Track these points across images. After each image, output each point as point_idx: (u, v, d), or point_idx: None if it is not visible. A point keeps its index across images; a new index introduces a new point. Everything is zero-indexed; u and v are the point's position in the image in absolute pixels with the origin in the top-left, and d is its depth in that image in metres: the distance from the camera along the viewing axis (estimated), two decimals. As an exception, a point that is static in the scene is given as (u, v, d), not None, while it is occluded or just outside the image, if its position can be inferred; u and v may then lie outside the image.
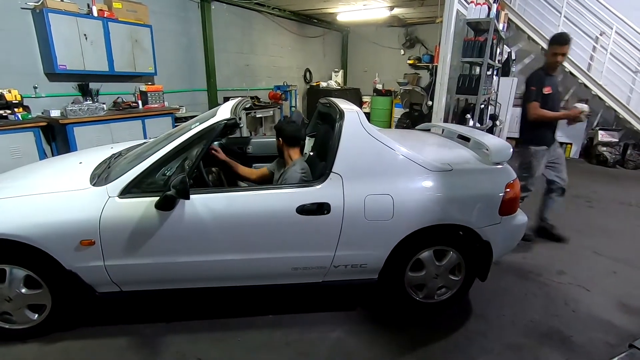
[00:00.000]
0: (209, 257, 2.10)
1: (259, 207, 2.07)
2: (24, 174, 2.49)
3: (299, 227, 2.09)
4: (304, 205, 2.05)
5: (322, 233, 2.12)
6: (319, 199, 2.05)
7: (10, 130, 4.09)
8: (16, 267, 1.98)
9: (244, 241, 2.11)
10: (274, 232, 2.11)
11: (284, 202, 2.07)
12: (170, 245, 2.05)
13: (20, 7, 4.37)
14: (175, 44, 6.52)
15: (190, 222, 2.01)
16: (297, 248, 2.14)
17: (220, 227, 2.06)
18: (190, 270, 2.14)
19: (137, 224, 1.97)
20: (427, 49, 10.02)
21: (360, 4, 7.87)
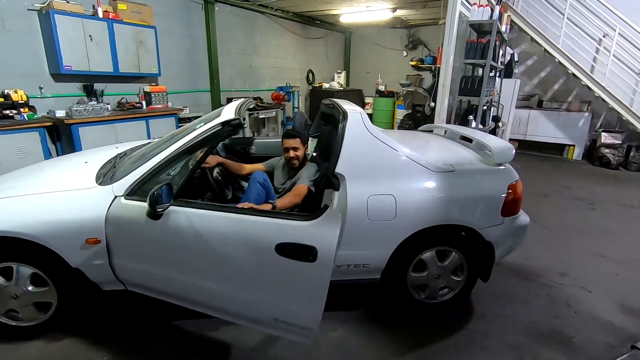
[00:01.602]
0: (188, 277, 1.94)
1: (237, 234, 1.80)
2: (30, 173, 2.52)
3: (276, 271, 1.74)
4: (284, 244, 1.68)
5: (303, 284, 1.72)
6: (305, 239, 1.65)
7: (16, 130, 4.12)
8: (23, 265, 2.01)
9: (219, 269, 1.87)
10: (249, 268, 1.81)
11: (263, 235, 1.74)
12: (158, 255, 1.99)
13: (26, 9, 4.42)
14: (179, 45, 6.56)
15: (172, 236, 1.90)
16: (276, 295, 1.79)
17: (197, 248, 1.87)
18: (174, 286, 2.01)
19: (137, 226, 1.94)
20: (430, 50, 10.02)
21: (363, 5, 7.89)
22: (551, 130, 7.91)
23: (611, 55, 7.04)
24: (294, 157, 2.61)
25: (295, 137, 2.60)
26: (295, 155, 2.60)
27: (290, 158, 2.62)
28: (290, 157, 2.62)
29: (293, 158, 2.61)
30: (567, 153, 7.93)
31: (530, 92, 8.41)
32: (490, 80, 5.42)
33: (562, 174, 6.59)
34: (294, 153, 2.60)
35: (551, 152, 8.17)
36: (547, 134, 7.97)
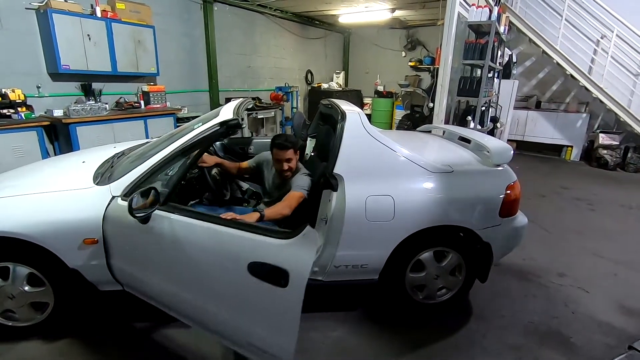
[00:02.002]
0: (169, 285, 1.87)
1: (213, 247, 1.69)
2: (27, 172, 2.51)
3: (247, 292, 1.60)
4: (256, 264, 1.52)
5: (274, 311, 1.56)
6: (279, 260, 1.48)
7: (14, 129, 4.11)
8: (19, 265, 1.99)
9: (196, 282, 1.79)
10: (223, 285, 1.69)
11: (237, 250, 1.60)
12: (145, 259, 1.96)
13: (24, 7, 4.40)
14: (178, 44, 6.54)
15: (155, 241, 1.86)
16: (247, 319, 1.64)
17: (177, 256, 1.80)
18: (158, 292, 1.95)
19: (130, 229, 1.89)
20: (429, 51, 10.03)
21: (361, 5, 7.89)
22: (549, 131, 7.93)
23: (609, 57, 7.07)
24: (287, 170, 2.37)
25: (288, 148, 2.34)
26: (288, 167, 2.37)
27: (282, 171, 2.37)
28: (283, 170, 2.37)
29: (286, 170, 2.37)
30: (565, 154, 7.95)
31: (529, 93, 8.43)
32: (489, 81, 5.43)
33: (560, 174, 6.61)
34: (287, 165, 2.36)
35: (549, 152, 8.19)
36: (545, 135, 7.99)
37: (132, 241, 1.94)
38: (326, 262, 2.23)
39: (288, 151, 2.34)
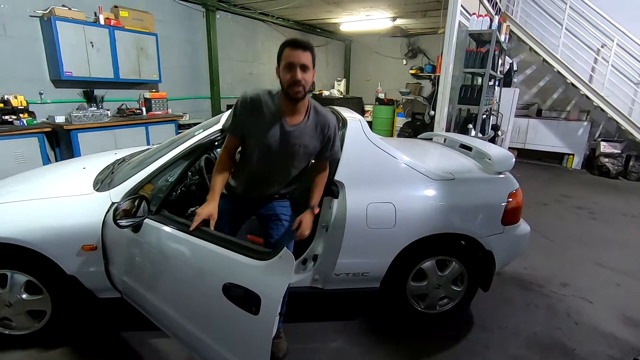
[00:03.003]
0: (155, 297, 1.83)
1: (194, 263, 1.64)
2: (28, 178, 2.50)
3: (221, 315, 1.51)
4: (230, 286, 1.43)
5: (245, 339, 1.46)
6: (253, 284, 1.38)
7: (15, 135, 4.12)
8: (17, 273, 1.98)
9: (177, 297, 1.73)
10: (200, 305, 1.62)
11: (214, 269, 1.52)
12: (135, 268, 1.93)
13: (28, 15, 4.44)
14: (180, 51, 6.59)
15: (144, 251, 1.85)
16: (222, 344, 1.54)
17: (162, 269, 1.78)
18: (146, 303, 1.89)
19: (125, 236, 1.89)
20: (429, 59, 10.09)
21: (363, 14, 7.95)
22: (550, 139, 7.93)
23: (609, 65, 7.09)
24: (299, 84, 1.60)
25: (307, 49, 1.61)
26: (303, 79, 1.60)
27: (293, 84, 1.60)
28: (293, 83, 1.60)
29: (298, 84, 1.60)
30: (567, 162, 7.94)
31: (530, 101, 8.45)
32: (490, 89, 5.45)
33: (562, 183, 6.59)
34: (302, 76, 1.59)
35: (550, 160, 8.17)
36: (547, 143, 7.99)
37: (127, 249, 1.92)
38: (326, 270, 2.21)
39: (305, 53, 1.60)
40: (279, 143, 1.73)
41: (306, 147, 1.77)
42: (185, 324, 1.68)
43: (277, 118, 1.71)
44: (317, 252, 2.25)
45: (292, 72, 1.59)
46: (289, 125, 1.72)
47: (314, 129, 1.77)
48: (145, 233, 1.80)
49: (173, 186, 2.03)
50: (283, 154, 1.77)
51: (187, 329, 1.67)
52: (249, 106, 1.71)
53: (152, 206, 1.87)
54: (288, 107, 1.71)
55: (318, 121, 1.78)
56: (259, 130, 1.72)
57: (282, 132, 1.72)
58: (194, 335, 1.64)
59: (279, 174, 1.87)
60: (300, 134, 1.74)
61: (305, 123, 1.75)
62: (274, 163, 1.80)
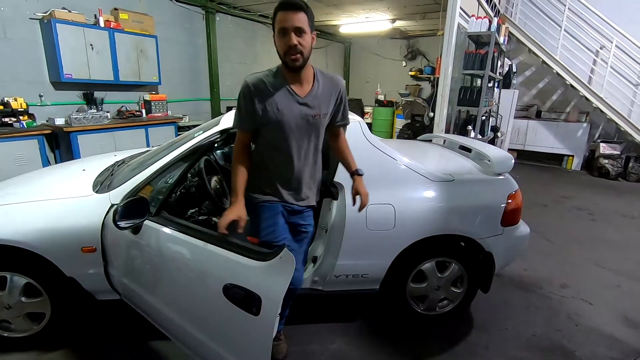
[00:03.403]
0: (154, 299, 1.83)
1: (195, 265, 1.65)
2: (27, 180, 2.50)
3: (221, 315, 1.51)
4: (231, 286, 1.43)
5: (245, 340, 1.47)
6: (253, 284, 1.38)
7: (15, 137, 4.12)
8: (17, 275, 1.97)
9: (177, 298, 1.74)
10: (201, 306, 1.63)
11: (215, 271, 1.53)
12: (135, 270, 1.94)
13: (28, 17, 4.45)
14: (180, 54, 6.60)
15: (144, 252, 1.85)
16: (222, 345, 1.55)
17: (162, 270, 1.79)
18: (146, 305, 1.90)
19: (125, 238, 1.89)
20: (429, 60, 10.10)
21: (362, 16, 7.97)
22: (550, 140, 7.94)
23: (608, 67, 7.10)
24: (296, 49, 1.47)
25: (299, 9, 1.46)
26: (299, 43, 1.46)
27: (289, 50, 1.48)
28: (289, 49, 1.47)
29: (294, 50, 1.47)
30: (566, 163, 7.94)
31: (529, 102, 8.46)
32: (489, 91, 5.45)
33: (562, 184, 6.59)
34: (296, 40, 1.46)
35: (550, 162, 8.18)
36: (546, 144, 7.99)
37: (127, 251, 1.92)
38: (326, 271, 2.21)
39: (298, 14, 1.45)
40: (299, 117, 1.60)
41: (326, 114, 1.68)
42: (185, 325, 1.68)
43: (286, 92, 1.58)
44: (317, 254, 2.25)
45: (285, 37, 1.46)
46: (302, 96, 1.61)
47: (327, 93, 1.67)
48: (145, 234, 1.80)
49: (172, 188, 2.03)
50: (305, 129, 1.64)
51: (187, 330, 1.66)
52: (253, 91, 1.58)
53: (152, 208, 1.87)
54: (293, 78, 1.59)
55: (328, 84, 1.68)
56: (272, 110, 1.57)
57: (298, 104, 1.60)
58: (193, 336, 1.64)
59: (306, 157, 1.72)
60: (317, 102, 1.64)
61: (317, 89, 1.64)
62: (299, 144, 1.67)
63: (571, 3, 7.12)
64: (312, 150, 1.74)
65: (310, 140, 1.70)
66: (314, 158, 1.77)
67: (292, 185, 1.75)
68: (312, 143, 1.72)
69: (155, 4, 5.94)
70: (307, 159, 1.73)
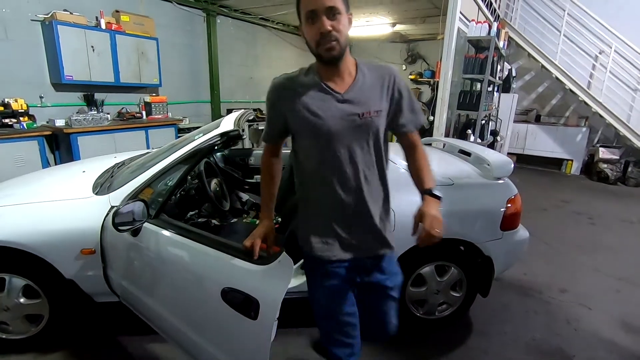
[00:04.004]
0: (152, 301, 1.82)
1: (194, 267, 1.63)
2: (27, 181, 2.50)
3: (220, 319, 1.50)
4: (229, 290, 1.41)
5: (244, 345, 1.46)
6: (251, 288, 1.36)
7: (15, 138, 4.12)
8: (15, 276, 1.97)
9: (176, 301, 1.74)
10: (198, 309, 1.63)
11: (213, 274, 1.52)
12: (134, 272, 1.93)
13: (30, 19, 4.46)
14: (181, 56, 6.62)
15: (143, 255, 1.85)
16: (220, 349, 1.54)
17: (161, 273, 1.78)
18: (144, 307, 1.89)
19: (124, 240, 1.88)
20: (429, 64, 10.14)
21: (362, 20, 8.00)
22: (549, 144, 7.95)
23: (607, 72, 7.13)
24: (330, 36, 1.16)
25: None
26: (333, 28, 1.16)
27: (322, 38, 1.17)
28: (322, 37, 1.17)
29: (328, 37, 1.16)
30: (566, 167, 7.95)
31: (528, 106, 8.49)
32: (489, 95, 5.47)
33: (561, 188, 6.60)
34: (329, 24, 1.15)
35: (549, 166, 8.19)
36: (546, 149, 8.01)
37: (126, 253, 1.92)
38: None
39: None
40: (341, 118, 1.22)
41: (379, 112, 1.25)
42: (183, 328, 1.67)
43: (321, 90, 1.23)
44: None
45: (316, 22, 1.14)
46: (342, 92, 1.23)
47: (376, 85, 1.27)
48: (144, 237, 1.80)
49: (172, 190, 2.03)
50: (354, 134, 1.24)
51: (185, 333, 1.66)
52: (279, 93, 1.28)
53: (151, 210, 1.87)
54: (329, 73, 1.24)
55: (375, 74, 1.29)
56: (304, 114, 1.23)
57: (337, 102, 1.23)
58: (192, 339, 1.64)
59: (366, 175, 1.28)
60: (364, 97, 1.24)
61: (362, 81, 1.26)
62: (350, 155, 1.25)
63: (570, 8, 7.16)
64: (373, 163, 1.29)
65: (366, 148, 1.26)
66: (378, 175, 1.33)
67: (349, 223, 1.32)
68: (370, 153, 1.28)
69: (156, 6, 5.96)
70: (367, 177, 1.29)
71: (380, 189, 1.35)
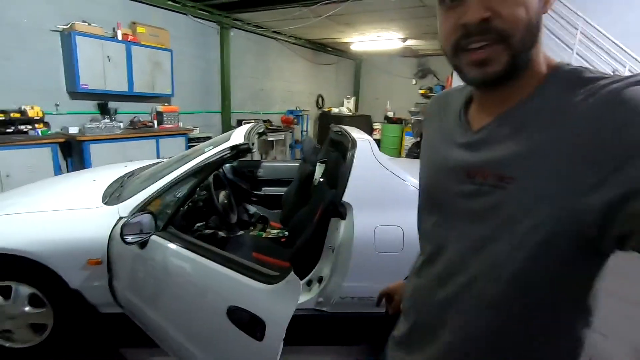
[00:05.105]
0: (158, 316, 1.79)
1: (198, 283, 1.62)
2: (37, 189, 2.52)
3: (225, 338, 1.49)
4: (235, 309, 1.40)
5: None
6: (258, 308, 1.35)
7: (29, 145, 4.19)
8: (22, 285, 1.97)
9: (181, 317, 1.72)
10: (204, 326, 1.62)
11: (219, 291, 1.51)
12: (140, 284, 1.91)
13: (49, 29, 4.58)
14: (193, 67, 6.73)
15: (148, 268, 1.83)
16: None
17: (167, 287, 1.77)
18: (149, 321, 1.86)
19: (130, 252, 1.86)
20: (439, 79, 10.15)
21: (374, 34, 8.08)
22: (561, 162, 7.83)
23: (621, 91, 7.04)
24: (478, 28, 0.56)
25: None
26: (493, 14, 0.55)
27: (462, 38, 0.58)
28: (463, 34, 0.58)
29: (479, 35, 0.56)
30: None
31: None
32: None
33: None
34: (485, 7, 0.55)
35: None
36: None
37: (132, 265, 1.91)
38: (332, 292, 2.17)
39: None
40: (449, 175, 0.69)
41: (526, 191, 0.56)
42: (187, 345, 1.64)
43: (454, 121, 0.73)
44: (323, 274, 2.22)
45: (459, 6, 0.58)
46: (475, 129, 0.67)
47: (579, 126, 0.53)
48: (151, 249, 1.79)
49: (181, 203, 2.03)
50: (469, 215, 0.65)
51: (190, 350, 1.63)
52: (427, 115, 0.86)
53: (159, 222, 1.87)
54: (481, 97, 0.69)
55: (589, 106, 0.53)
56: (422, 156, 0.84)
57: (455, 147, 0.70)
58: (195, 356, 1.61)
59: (471, 292, 0.65)
60: (500, 150, 0.61)
61: (522, 113, 0.61)
62: (461, 249, 0.67)
63: (583, 27, 7.13)
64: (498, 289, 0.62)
65: (489, 255, 0.62)
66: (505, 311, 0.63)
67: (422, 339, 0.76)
68: (504, 268, 0.60)
69: (172, 18, 6.09)
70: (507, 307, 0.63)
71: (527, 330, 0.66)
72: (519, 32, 0.57)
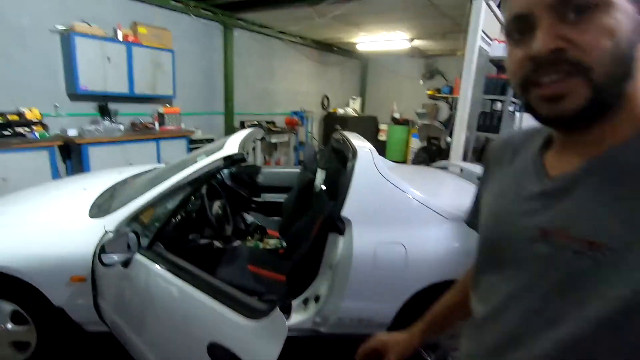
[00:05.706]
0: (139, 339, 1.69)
1: (179, 312, 1.51)
2: (23, 199, 2.42)
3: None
4: (216, 346, 1.29)
5: None
6: (241, 347, 1.24)
7: (27, 148, 4.12)
8: (3, 301, 1.88)
9: (158, 346, 1.62)
10: (181, 358, 1.53)
11: (200, 324, 1.41)
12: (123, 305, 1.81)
13: (49, 30, 4.51)
14: (196, 67, 6.63)
15: (132, 289, 1.73)
16: None
17: (149, 311, 1.65)
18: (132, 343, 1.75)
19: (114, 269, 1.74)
20: (447, 80, 9.94)
21: (380, 35, 7.92)
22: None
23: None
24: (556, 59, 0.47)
25: None
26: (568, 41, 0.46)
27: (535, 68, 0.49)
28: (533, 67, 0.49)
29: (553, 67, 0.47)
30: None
31: (551, 126, 8.18)
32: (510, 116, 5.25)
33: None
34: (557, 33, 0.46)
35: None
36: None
37: (117, 283, 1.80)
38: (329, 312, 2.05)
39: None
40: (517, 232, 0.58)
41: (624, 262, 0.44)
42: None
43: (528, 168, 0.62)
44: (320, 293, 2.10)
45: (527, 43, 0.49)
46: (553, 175, 0.57)
47: None
48: (134, 269, 1.68)
49: (169, 217, 1.92)
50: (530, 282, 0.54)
51: None
52: (491, 158, 0.76)
53: (145, 239, 1.76)
54: (563, 139, 0.57)
55: None
56: (484, 206, 0.71)
57: (527, 199, 0.58)
58: None
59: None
60: (588, 207, 0.49)
61: (618, 161, 0.49)
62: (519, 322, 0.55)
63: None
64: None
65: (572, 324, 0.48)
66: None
67: None
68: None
69: (174, 18, 6.00)
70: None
71: None
72: (602, 64, 0.46)
